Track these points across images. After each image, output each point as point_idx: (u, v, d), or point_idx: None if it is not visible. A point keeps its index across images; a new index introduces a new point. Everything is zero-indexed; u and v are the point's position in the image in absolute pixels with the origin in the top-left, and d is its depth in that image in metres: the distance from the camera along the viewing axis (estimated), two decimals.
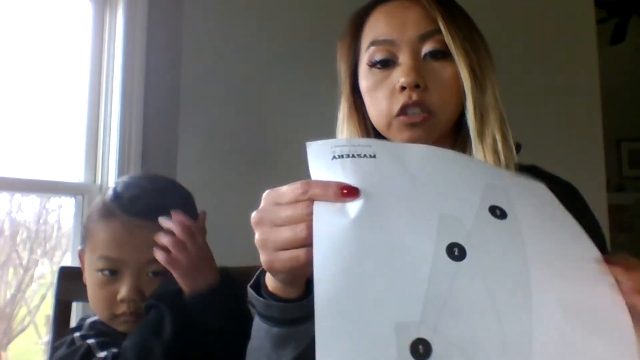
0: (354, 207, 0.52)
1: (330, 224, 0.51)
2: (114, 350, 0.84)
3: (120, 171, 1.75)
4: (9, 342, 1.93)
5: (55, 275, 1.16)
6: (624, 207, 3.45)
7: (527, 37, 2.33)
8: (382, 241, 0.50)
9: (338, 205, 0.52)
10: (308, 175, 0.80)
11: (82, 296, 1.19)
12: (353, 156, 0.55)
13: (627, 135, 3.67)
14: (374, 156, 0.56)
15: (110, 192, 0.93)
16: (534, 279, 0.51)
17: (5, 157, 1.73)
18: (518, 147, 0.84)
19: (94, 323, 0.92)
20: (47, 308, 1.98)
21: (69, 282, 1.15)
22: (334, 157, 0.55)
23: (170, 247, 0.84)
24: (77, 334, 0.90)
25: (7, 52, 1.75)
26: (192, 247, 0.84)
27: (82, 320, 0.95)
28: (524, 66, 2.21)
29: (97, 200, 0.95)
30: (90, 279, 0.91)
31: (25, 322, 1.98)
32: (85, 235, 0.93)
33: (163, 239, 0.84)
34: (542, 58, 2.34)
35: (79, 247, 0.97)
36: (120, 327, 0.89)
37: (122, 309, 0.88)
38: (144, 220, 0.88)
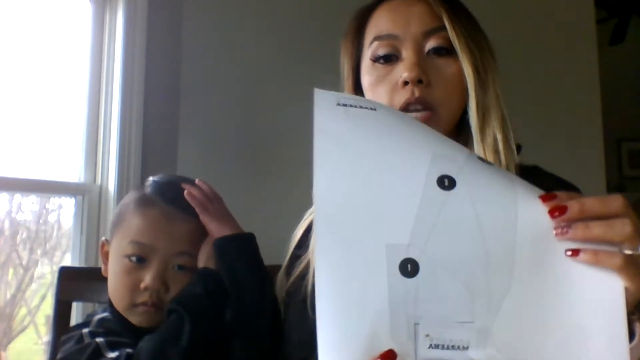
0: (353, 141, 0.57)
1: (330, 156, 0.56)
2: (128, 350, 0.83)
3: (120, 171, 1.75)
4: (9, 342, 1.93)
5: (55, 275, 1.16)
6: None
7: (527, 37, 2.33)
8: (377, 173, 0.56)
9: (338, 138, 0.57)
10: (308, 176, 0.80)
11: (82, 296, 1.20)
12: (356, 106, 0.60)
13: (627, 135, 3.66)
14: (375, 109, 0.62)
15: (149, 184, 0.95)
16: (520, 204, 0.55)
17: (5, 157, 1.73)
18: (518, 148, 0.83)
19: (102, 320, 0.91)
20: (47, 308, 1.98)
21: (69, 282, 1.15)
22: (339, 104, 0.60)
23: (199, 197, 0.92)
24: (85, 330, 0.88)
25: (7, 52, 1.75)
26: (218, 203, 0.94)
27: (90, 316, 0.93)
28: (524, 66, 2.21)
29: (133, 192, 0.96)
30: (115, 265, 0.91)
31: (25, 322, 1.98)
32: (117, 222, 0.93)
33: (193, 190, 0.92)
34: (542, 58, 2.34)
35: (103, 238, 0.97)
36: (136, 318, 0.88)
37: (144, 297, 0.87)
38: (182, 211, 0.90)
